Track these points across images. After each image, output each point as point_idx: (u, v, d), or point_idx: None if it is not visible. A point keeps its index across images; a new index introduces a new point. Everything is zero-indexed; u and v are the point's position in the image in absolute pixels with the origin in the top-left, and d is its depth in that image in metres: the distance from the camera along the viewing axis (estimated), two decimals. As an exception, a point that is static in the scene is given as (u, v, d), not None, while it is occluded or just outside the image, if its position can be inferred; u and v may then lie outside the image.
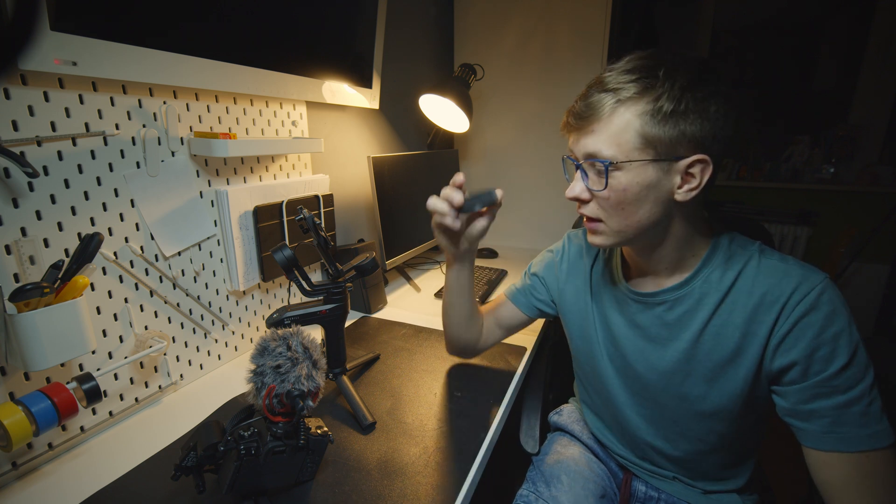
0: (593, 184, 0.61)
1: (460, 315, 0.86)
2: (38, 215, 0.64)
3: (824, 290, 0.57)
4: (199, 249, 0.88)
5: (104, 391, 0.73)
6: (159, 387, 0.83)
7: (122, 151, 0.73)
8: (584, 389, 0.89)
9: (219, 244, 0.92)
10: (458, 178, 0.70)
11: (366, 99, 1.28)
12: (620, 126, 0.57)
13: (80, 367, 0.71)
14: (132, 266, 0.76)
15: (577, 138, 0.61)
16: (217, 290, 0.93)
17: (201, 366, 0.91)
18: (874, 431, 0.56)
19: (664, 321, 0.69)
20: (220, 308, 0.94)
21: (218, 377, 0.92)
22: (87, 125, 0.68)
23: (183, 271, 0.85)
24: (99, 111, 0.70)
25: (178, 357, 0.86)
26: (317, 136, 1.18)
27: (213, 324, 0.93)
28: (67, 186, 0.67)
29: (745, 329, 0.62)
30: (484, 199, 0.70)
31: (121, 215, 0.74)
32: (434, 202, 0.70)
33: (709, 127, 0.55)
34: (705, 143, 0.56)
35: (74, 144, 0.67)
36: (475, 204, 0.69)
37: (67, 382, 0.61)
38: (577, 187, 0.63)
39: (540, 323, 1.12)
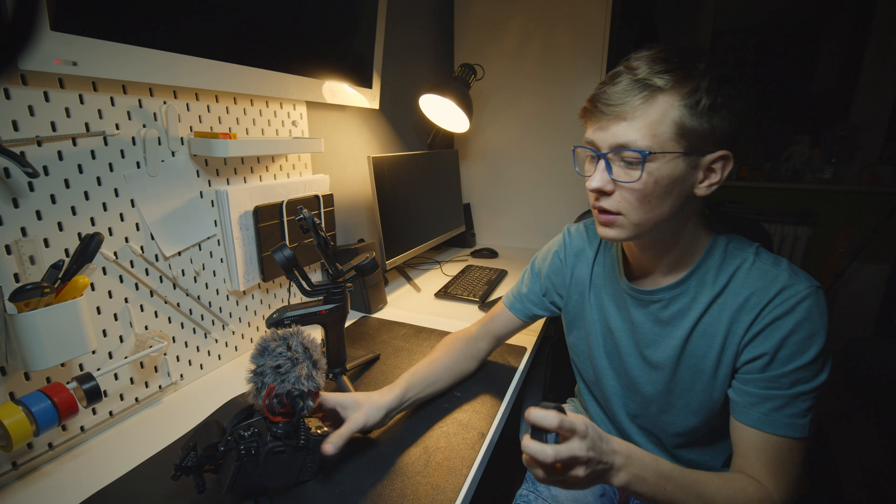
0: (620, 175, 0.58)
1: (443, 388, 0.84)
2: (39, 215, 0.64)
3: (804, 299, 0.58)
4: (200, 249, 0.88)
5: (104, 391, 0.73)
6: (159, 387, 0.83)
7: (122, 151, 0.73)
8: (581, 381, 0.90)
9: (219, 244, 0.92)
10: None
11: (366, 99, 1.28)
12: (657, 116, 0.55)
13: (81, 367, 0.71)
14: (132, 266, 0.76)
15: (603, 126, 0.58)
16: (217, 290, 0.93)
17: (201, 366, 0.91)
18: (798, 423, 0.58)
19: (658, 319, 0.69)
20: (220, 308, 0.94)
21: (218, 377, 0.92)
22: (87, 125, 0.68)
23: (183, 271, 0.85)
24: (99, 111, 0.70)
25: (178, 357, 0.86)
26: (317, 136, 1.18)
27: (213, 324, 0.93)
28: (67, 186, 0.67)
29: (728, 328, 0.63)
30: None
31: (121, 215, 0.74)
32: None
33: (736, 123, 0.56)
34: (730, 139, 0.57)
35: (74, 144, 0.67)
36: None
37: (67, 382, 0.61)
38: (601, 178, 0.59)
39: (540, 323, 1.12)
